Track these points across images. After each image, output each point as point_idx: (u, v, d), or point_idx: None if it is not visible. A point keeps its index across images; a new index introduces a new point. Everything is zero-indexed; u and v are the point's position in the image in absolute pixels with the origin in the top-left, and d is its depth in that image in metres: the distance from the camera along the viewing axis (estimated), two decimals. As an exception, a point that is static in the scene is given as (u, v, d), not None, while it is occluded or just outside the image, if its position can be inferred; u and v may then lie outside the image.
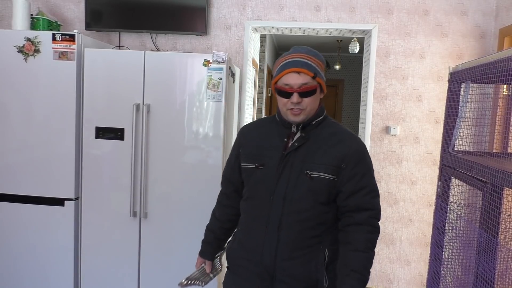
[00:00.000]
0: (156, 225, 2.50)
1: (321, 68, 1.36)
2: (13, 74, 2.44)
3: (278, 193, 1.36)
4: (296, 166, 1.36)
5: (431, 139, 3.01)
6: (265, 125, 1.50)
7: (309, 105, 1.34)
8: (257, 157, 1.42)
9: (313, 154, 1.36)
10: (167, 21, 2.93)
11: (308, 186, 1.35)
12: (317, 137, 1.39)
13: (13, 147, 2.49)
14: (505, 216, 1.52)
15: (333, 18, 2.99)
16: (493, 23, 2.90)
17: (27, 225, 2.51)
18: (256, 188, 1.42)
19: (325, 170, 1.34)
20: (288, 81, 1.32)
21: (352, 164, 1.35)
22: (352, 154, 1.36)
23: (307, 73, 1.30)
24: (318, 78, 1.33)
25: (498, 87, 1.96)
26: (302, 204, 1.36)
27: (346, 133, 1.42)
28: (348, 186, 1.35)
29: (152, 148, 2.47)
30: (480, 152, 1.76)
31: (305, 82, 1.31)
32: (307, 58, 1.33)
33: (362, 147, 1.40)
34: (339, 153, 1.35)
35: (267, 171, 1.39)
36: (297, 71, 1.30)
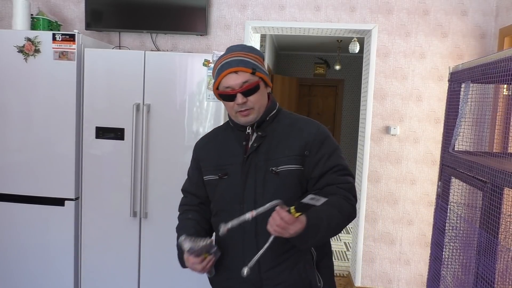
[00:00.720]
0: (156, 225, 2.50)
1: (260, 62, 1.30)
2: (13, 74, 2.44)
3: (248, 199, 1.28)
4: (260, 167, 1.29)
5: (431, 139, 3.01)
6: (219, 134, 1.44)
7: (256, 103, 1.28)
8: (219, 167, 1.34)
9: (275, 150, 1.29)
10: (167, 21, 2.93)
11: (277, 184, 1.27)
12: (274, 132, 1.32)
13: (13, 147, 2.49)
14: (505, 216, 1.52)
15: (333, 18, 2.99)
16: (493, 23, 2.90)
17: (28, 225, 2.51)
18: (223, 199, 1.33)
19: (288, 162, 1.27)
20: (228, 83, 1.25)
21: (315, 149, 1.29)
22: (314, 138, 1.29)
23: (245, 70, 1.24)
24: (258, 72, 1.26)
25: (498, 87, 1.95)
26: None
27: (303, 120, 1.36)
28: (316, 170, 1.28)
29: (152, 148, 2.47)
30: (480, 152, 1.76)
31: (246, 80, 1.24)
32: (242, 55, 1.26)
33: (323, 130, 1.34)
34: (300, 141, 1.29)
35: (232, 179, 1.31)
36: (234, 70, 1.23)
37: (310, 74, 7.67)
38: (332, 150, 1.31)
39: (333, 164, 1.29)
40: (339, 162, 1.30)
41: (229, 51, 1.30)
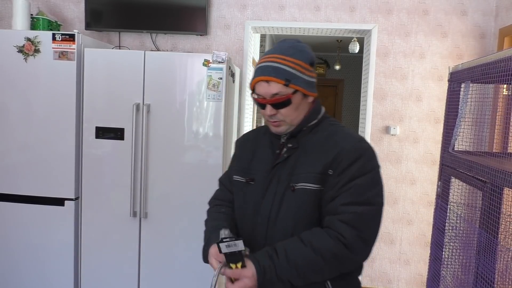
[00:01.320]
0: (156, 225, 2.50)
1: (301, 69, 1.13)
2: (13, 74, 2.44)
3: (263, 213, 1.17)
4: (283, 181, 1.16)
5: (431, 139, 3.01)
6: (258, 135, 1.32)
7: (288, 116, 1.15)
8: (248, 170, 1.25)
9: (301, 164, 1.15)
10: (167, 21, 2.93)
11: (292, 202, 1.13)
12: (307, 144, 1.18)
13: (13, 147, 2.49)
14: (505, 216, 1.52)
15: (333, 18, 2.99)
16: (493, 23, 2.90)
17: (28, 225, 2.51)
18: (244, 206, 1.23)
19: (307, 179, 1.11)
20: (259, 91, 1.14)
21: (340, 168, 1.09)
22: (343, 156, 1.10)
23: (277, 81, 1.10)
24: (292, 84, 1.11)
25: (498, 87, 1.96)
26: (286, 225, 1.13)
27: (342, 133, 1.17)
28: (328, 194, 1.10)
29: (152, 148, 2.47)
30: (480, 152, 1.76)
31: (276, 92, 1.11)
32: (280, 61, 1.12)
33: (359, 147, 1.13)
34: (327, 158, 1.11)
35: (255, 188, 1.21)
36: (265, 80, 1.12)
37: (310, 74, 7.66)
38: (359, 174, 1.09)
39: (348, 188, 1.08)
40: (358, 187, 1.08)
41: (269, 52, 1.16)
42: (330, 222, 1.08)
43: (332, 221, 1.08)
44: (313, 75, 1.18)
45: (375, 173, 1.13)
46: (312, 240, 1.06)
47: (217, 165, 2.44)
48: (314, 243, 1.06)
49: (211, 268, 1.20)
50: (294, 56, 1.13)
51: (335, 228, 1.06)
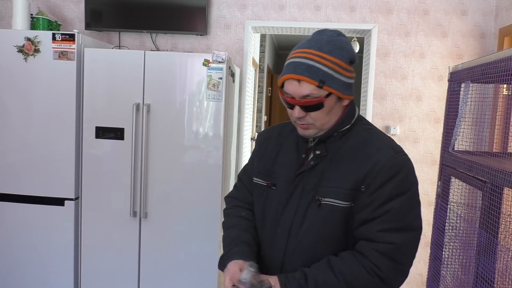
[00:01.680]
0: (156, 225, 2.50)
1: (340, 69, 1.00)
2: (13, 74, 2.44)
3: (284, 224, 1.08)
4: (308, 191, 1.05)
5: (431, 139, 3.01)
6: (283, 133, 1.19)
7: (318, 120, 1.03)
8: (270, 173, 1.13)
9: (329, 175, 1.04)
10: (167, 21, 2.93)
11: (317, 217, 1.03)
12: (337, 153, 1.06)
13: (13, 147, 2.49)
14: (505, 216, 1.52)
15: (333, 18, 2.99)
16: (493, 23, 2.90)
17: (27, 225, 2.51)
18: (264, 213, 1.14)
19: (335, 195, 1.01)
20: (289, 90, 1.01)
21: (374, 186, 0.99)
22: (379, 171, 0.98)
23: (309, 81, 0.97)
24: (325, 86, 0.98)
25: (498, 87, 1.96)
26: (308, 240, 1.04)
27: (377, 143, 1.05)
28: (364, 214, 1.00)
29: (152, 148, 2.47)
30: (480, 152, 1.77)
31: (307, 94, 0.98)
32: (316, 58, 0.98)
33: (397, 161, 1.00)
34: (359, 171, 1.00)
35: (277, 194, 1.11)
36: (296, 78, 0.98)
37: (310, 74, 7.67)
38: (397, 193, 0.98)
39: (385, 211, 0.98)
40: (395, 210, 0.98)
41: (304, 45, 1.02)
42: (365, 250, 0.99)
43: (367, 249, 0.98)
44: (352, 75, 1.05)
45: (414, 191, 1.02)
46: (344, 271, 0.98)
47: (217, 165, 2.44)
48: (347, 275, 0.98)
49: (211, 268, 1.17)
50: (332, 54, 0.99)
51: (370, 259, 0.98)
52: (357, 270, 0.98)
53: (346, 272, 0.98)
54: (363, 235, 1.01)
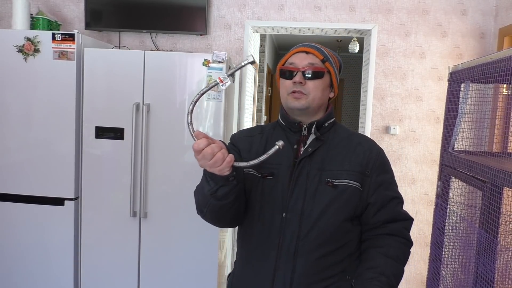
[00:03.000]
0: (156, 225, 2.50)
1: (335, 62, 1.22)
2: (13, 74, 2.44)
3: (294, 208, 1.11)
4: (314, 175, 1.13)
5: (431, 139, 3.01)
6: (265, 131, 1.26)
7: (312, 91, 1.15)
8: (263, 165, 1.13)
9: (331, 159, 1.15)
10: (167, 21, 2.93)
11: (332, 197, 1.11)
12: (332, 141, 1.19)
13: (13, 147, 2.49)
14: (505, 216, 1.52)
15: (333, 18, 2.99)
16: (493, 22, 2.90)
17: (27, 225, 2.51)
18: (263, 203, 1.16)
19: (348, 176, 1.13)
20: (294, 60, 1.17)
21: (376, 171, 1.17)
22: (375, 158, 1.18)
23: (316, 54, 1.16)
24: (328, 64, 1.17)
25: (498, 87, 1.96)
26: (324, 221, 1.11)
27: (362, 136, 1.26)
28: (377, 197, 1.16)
29: (152, 148, 2.47)
30: (480, 152, 1.76)
31: (312, 63, 1.15)
32: (322, 47, 1.20)
33: (381, 151, 1.23)
34: (361, 157, 1.16)
35: (277, 183, 1.15)
36: (305, 50, 1.17)
37: (310, 74, 7.66)
38: (391, 177, 1.22)
39: (393, 194, 1.20)
40: (397, 191, 1.22)
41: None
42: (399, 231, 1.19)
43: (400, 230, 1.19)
44: (338, 78, 1.26)
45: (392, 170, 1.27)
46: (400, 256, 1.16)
47: (217, 165, 2.44)
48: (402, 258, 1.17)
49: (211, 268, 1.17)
50: (331, 52, 1.23)
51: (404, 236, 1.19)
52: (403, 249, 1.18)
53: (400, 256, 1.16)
54: (387, 217, 1.17)
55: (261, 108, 5.34)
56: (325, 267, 1.11)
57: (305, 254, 1.10)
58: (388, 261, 1.12)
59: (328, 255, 1.11)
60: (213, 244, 2.48)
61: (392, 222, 1.18)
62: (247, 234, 1.21)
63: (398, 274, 1.13)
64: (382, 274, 1.09)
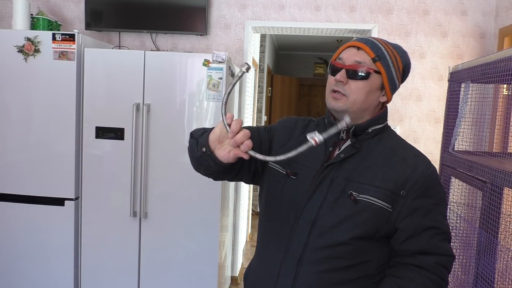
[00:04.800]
0: (156, 225, 2.50)
1: (395, 64, 1.05)
2: (13, 74, 2.44)
3: (307, 215, 1.04)
4: (338, 184, 1.03)
5: (431, 139, 3.01)
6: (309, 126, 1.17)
7: (353, 93, 1.02)
8: (291, 162, 1.08)
9: (363, 171, 1.03)
10: (167, 21, 2.93)
11: (349, 212, 1.01)
12: (371, 150, 1.06)
13: (13, 147, 2.49)
14: (505, 216, 1.52)
15: (333, 18, 2.99)
16: (493, 23, 2.90)
17: (27, 225, 2.51)
18: (280, 203, 1.10)
19: (375, 194, 1.00)
20: (343, 55, 1.05)
21: (415, 193, 1.01)
22: (417, 178, 1.01)
23: (367, 50, 1.02)
24: (380, 63, 1.02)
25: (498, 87, 1.96)
26: (336, 234, 1.02)
27: (411, 151, 1.09)
28: (408, 223, 1.01)
29: (152, 148, 2.47)
30: (480, 152, 1.76)
31: (360, 61, 1.02)
32: (381, 42, 1.05)
33: (432, 171, 1.06)
34: (399, 175, 1.01)
35: (299, 184, 1.07)
36: (357, 45, 1.04)
37: (310, 74, 7.67)
38: (437, 203, 1.03)
39: (433, 222, 1.01)
40: (441, 222, 1.03)
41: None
42: (428, 265, 1.01)
43: (430, 264, 1.01)
44: (399, 79, 1.10)
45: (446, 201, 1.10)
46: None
47: (217, 165, 2.44)
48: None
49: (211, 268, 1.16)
50: (396, 49, 1.07)
51: (436, 272, 1.01)
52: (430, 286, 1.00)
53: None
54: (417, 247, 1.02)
55: (261, 108, 5.34)
56: (333, 283, 1.02)
57: (309, 264, 1.03)
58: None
59: (336, 271, 1.02)
60: (213, 244, 2.48)
61: (424, 254, 1.02)
62: (261, 229, 1.17)
63: None
64: None
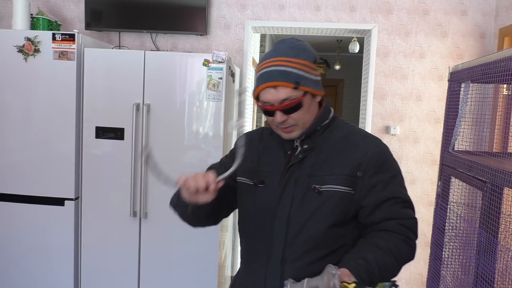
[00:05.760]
0: (156, 225, 2.50)
1: (308, 69, 1.07)
2: (13, 74, 2.44)
3: (281, 216, 1.11)
4: (302, 182, 1.10)
5: (431, 139, 3.01)
6: (263, 136, 1.24)
7: (300, 120, 1.09)
8: (256, 172, 1.17)
9: (322, 165, 1.10)
10: (167, 21, 2.93)
11: (317, 204, 1.08)
12: (324, 145, 1.13)
13: (13, 147, 2.49)
14: (505, 216, 1.52)
15: (333, 18, 2.99)
16: (493, 23, 2.90)
17: (28, 225, 2.51)
18: (254, 210, 1.16)
19: (335, 181, 1.08)
20: (266, 98, 1.07)
21: (371, 171, 1.08)
22: (370, 158, 1.09)
23: (286, 85, 1.04)
24: (301, 86, 1.05)
25: (498, 87, 1.96)
26: (310, 228, 1.09)
27: (361, 134, 1.16)
28: (370, 198, 1.08)
29: (152, 148, 2.46)
30: (480, 152, 1.76)
31: (286, 97, 1.05)
32: (286, 63, 1.05)
33: (383, 149, 1.13)
34: (353, 159, 1.09)
35: (267, 190, 1.14)
36: (273, 85, 1.04)
37: (310, 74, 7.66)
38: (392, 176, 1.11)
39: (391, 194, 1.09)
40: (398, 191, 1.10)
41: (272, 53, 1.09)
42: (393, 227, 1.08)
43: (394, 226, 1.08)
44: (318, 73, 1.12)
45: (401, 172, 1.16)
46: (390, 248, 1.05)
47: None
48: (394, 250, 1.05)
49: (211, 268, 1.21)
50: (299, 57, 1.07)
51: (401, 232, 1.07)
52: (397, 243, 1.06)
53: (392, 248, 1.05)
54: (382, 216, 1.08)
55: (261, 108, 5.34)
56: (317, 273, 1.02)
57: (292, 261, 1.09)
58: (374, 249, 1.04)
59: (318, 261, 1.08)
60: (213, 244, 2.48)
61: (387, 220, 1.09)
62: (242, 239, 1.24)
63: (385, 266, 1.03)
64: (363, 258, 1.02)
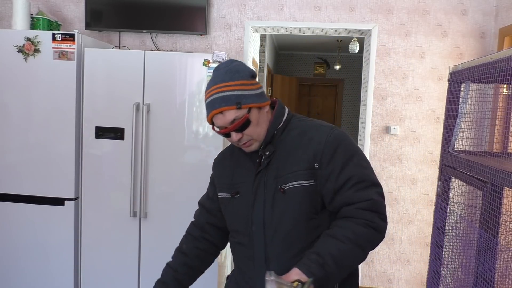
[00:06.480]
0: (156, 225, 2.50)
1: (245, 87, 1.16)
2: (13, 74, 2.44)
3: (256, 220, 1.19)
4: (270, 185, 1.18)
5: (431, 139, 3.01)
6: (234, 152, 1.32)
7: (254, 134, 1.18)
8: (232, 185, 1.26)
9: (284, 165, 1.17)
10: (167, 21, 2.93)
11: (285, 202, 1.15)
12: (283, 146, 1.20)
13: (13, 147, 2.49)
14: (505, 216, 1.52)
15: (333, 18, 2.99)
16: (493, 23, 2.90)
17: (27, 225, 2.51)
18: (235, 219, 1.26)
19: (295, 178, 1.14)
20: (218, 124, 1.17)
21: (326, 160, 1.13)
22: (324, 147, 1.14)
23: (229, 108, 1.13)
24: (243, 105, 1.14)
25: (498, 87, 1.96)
26: (284, 226, 1.16)
27: (314, 127, 1.21)
28: (327, 186, 1.13)
29: (152, 148, 2.47)
30: (480, 152, 1.76)
31: (233, 119, 1.14)
32: (224, 89, 1.15)
33: (335, 135, 1.17)
34: (309, 152, 1.15)
35: (242, 199, 1.23)
36: (218, 112, 1.15)
37: (310, 74, 7.67)
38: (347, 159, 1.14)
39: (347, 176, 1.12)
40: (354, 172, 1.13)
41: (210, 85, 1.19)
42: (350, 212, 1.11)
43: (351, 211, 1.11)
44: (258, 86, 1.20)
45: (360, 153, 1.18)
46: (347, 234, 1.07)
47: (217, 165, 2.44)
48: (351, 236, 1.07)
49: (210, 268, 1.42)
50: (234, 79, 1.16)
51: (358, 216, 1.09)
52: (355, 228, 1.08)
53: (349, 235, 1.08)
54: (341, 202, 1.13)
55: (261, 108, 5.35)
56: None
57: (275, 258, 1.17)
58: (329, 240, 1.08)
59: (299, 253, 1.13)
60: (213, 244, 2.47)
61: (345, 206, 1.12)
62: (231, 245, 1.34)
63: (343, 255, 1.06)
64: (316, 252, 1.06)
